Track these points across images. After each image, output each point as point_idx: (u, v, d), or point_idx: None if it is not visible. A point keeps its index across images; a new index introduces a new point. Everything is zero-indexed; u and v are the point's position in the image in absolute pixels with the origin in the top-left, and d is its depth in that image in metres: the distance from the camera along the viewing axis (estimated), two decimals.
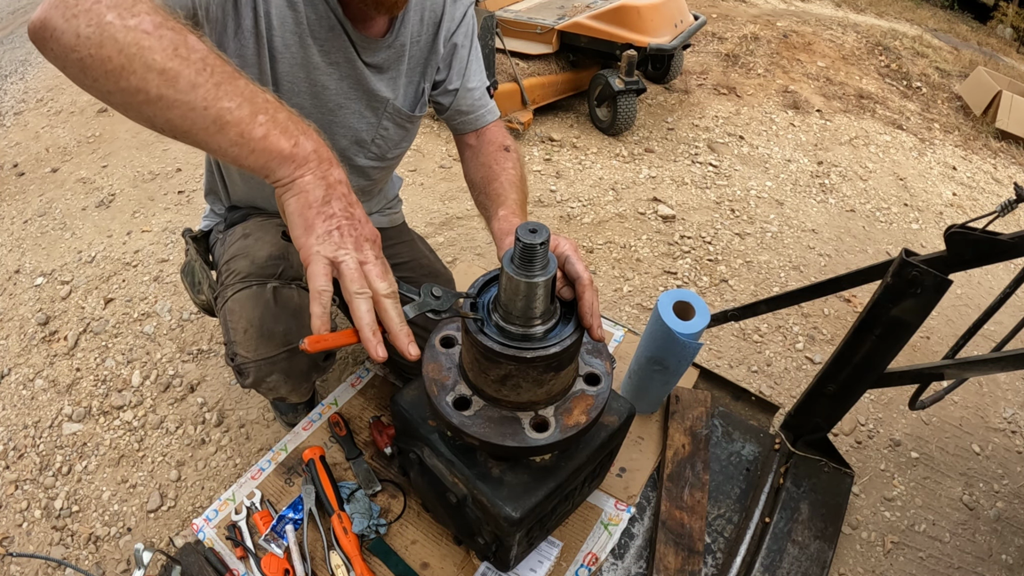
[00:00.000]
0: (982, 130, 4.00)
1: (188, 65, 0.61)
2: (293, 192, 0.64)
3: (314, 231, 0.63)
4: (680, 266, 2.40)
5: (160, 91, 0.61)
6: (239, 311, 1.08)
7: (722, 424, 1.46)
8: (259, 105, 0.64)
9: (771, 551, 1.23)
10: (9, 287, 2.21)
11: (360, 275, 0.63)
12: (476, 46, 1.19)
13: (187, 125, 0.62)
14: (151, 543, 1.45)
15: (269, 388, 1.13)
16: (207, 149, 0.65)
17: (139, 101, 0.62)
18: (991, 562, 1.49)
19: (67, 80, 3.36)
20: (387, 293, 0.65)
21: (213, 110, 0.62)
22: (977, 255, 1.05)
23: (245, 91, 0.64)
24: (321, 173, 0.65)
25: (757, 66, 4.34)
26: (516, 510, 0.87)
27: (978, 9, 8.04)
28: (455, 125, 1.20)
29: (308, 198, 0.64)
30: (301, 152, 0.64)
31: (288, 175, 0.64)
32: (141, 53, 0.60)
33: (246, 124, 0.62)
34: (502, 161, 1.12)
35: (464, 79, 1.16)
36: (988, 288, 2.49)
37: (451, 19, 1.11)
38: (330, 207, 0.65)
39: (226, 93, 0.62)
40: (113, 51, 0.60)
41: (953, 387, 1.44)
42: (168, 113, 0.62)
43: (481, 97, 1.19)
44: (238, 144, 0.63)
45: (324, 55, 0.98)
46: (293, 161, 0.64)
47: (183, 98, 0.61)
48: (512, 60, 3.22)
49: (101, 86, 0.62)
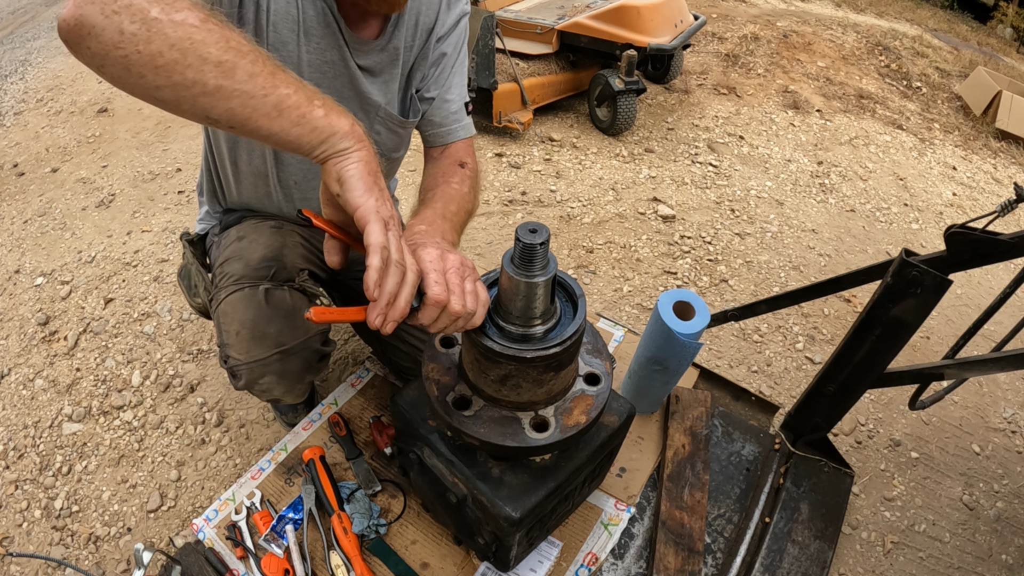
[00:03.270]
0: (982, 130, 4.00)
1: (242, 56, 0.64)
2: (353, 160, 0.69)
3: (373, 193, 0.68)
4: (680, 266, 2.40)
5: (219, 82, 0.63)
6: (231, 313, 1.08)
7: (722, 424, 1.46)
8: (310, 91, 0.69)
9: (771, 551, 1.23)
10: (9, 287, 2.21)
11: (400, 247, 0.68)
12: (463, 60, 1.17)
13: (247, 112, 0.65)
14: (151, 543, 1.45)
15: (262, 390, 1.13)
16: (262, 135, 0.68)
17: (195, 94, 0.63)
18: (991, 562, 1.49)
19: (67, 80, 3.33)
20: (416, 269, 0.70)
21: (273, 96, 0.65)
22: (977, 255, 1.05)
23: (294, 80, 0.68)
24: (368, 148, 0.71)
25: (757, 66, 4.34)
26: (516, 510, 0.87)
27: (978, 9, 8.04)
28: (426, 136, 1.19)
29: (371, 166, 0.69)
30: (358, 131, 0.70)
31: (349, 147, 0.69)
32: (195, 47, 0.61)
33: (306, 107, 0.67)
34: (450, 175, 1.11)
35: (443, 90, 1.15)
36: (988, 288, 2.49)
37: (442, 25, 1.10)
38: (380, 179, 0.70)
39: (282, 81, 0.66)
40: (164, 46, 0.61)
41: (953, 387, 1.44)
42: (228, 103, 0.64)
43: (457, 112, 1.17)
44: (299, 124, 0.67)
45: (319, 53, 0.98)
46: (352, 136, 0.69)
47: (242, 87, 0.64)
48: (512, 60, 3.22)
49: (149, 82, 0.63)
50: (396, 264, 0.66)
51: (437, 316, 0.73)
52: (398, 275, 0.67)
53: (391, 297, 0.66)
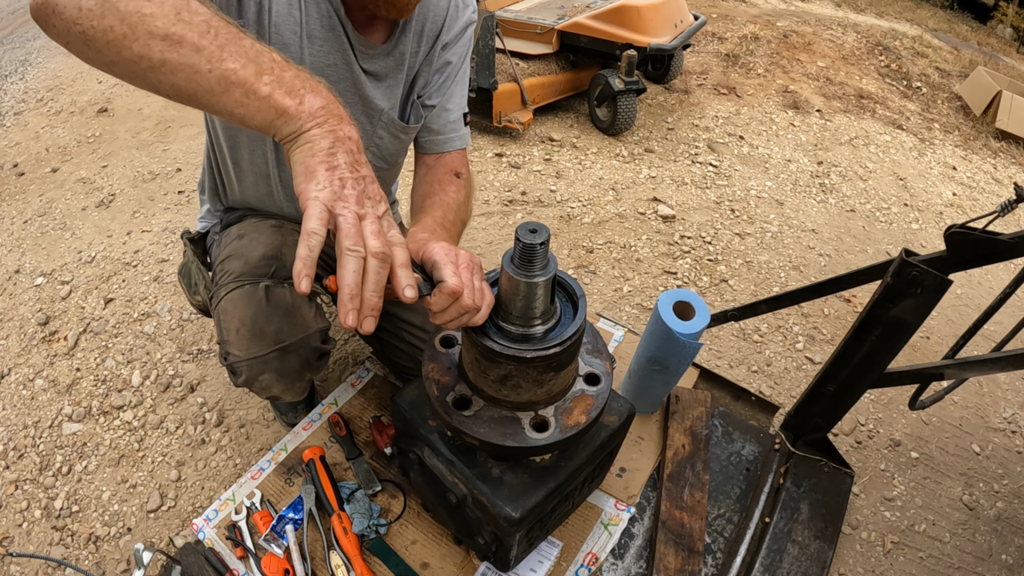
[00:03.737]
0: (982, 130, 4.00)
1: (191, 28, 0.61)
2: (298, 144, 0.64)
3: (315, 178, 0.62)
4: (680, 266, 2.40)
5: (163, 56, 0.61)
6: (231, 310, 1.08)
7: (722, 424, 1.46)
8: (264, 65, 0.63)
9: (771, 551, 1.23)
10: (9, 287, 2.21)
11: (357, 231, 0.60)
12: (467, 70, 1.18)
13: (192, 88, 0.63)
14: (151, 543, 1.45)
15: (262, 387, 1.13)
16: (214, 111, 0.65)
17: (143, 68, 0.62)
18: (991, 562, 1.49)
19: (67, 80, 3.34)
20: (376, 251, 0.61)
21: (217, 71, 0.62)
22: (977, 255, 1.05)
23: (251, 51, 0.63)
24: (329, 128, 0.64)
25: (757, 66, 4.34)
26: (516, 510, 0.87)
27: (978, 9, 8.04)
28: (422, 142, 1.19)
29: (313, 148, 0.63)
30: (307, 108, 0.64)
31: (295, 130, 0.64)
32: (143, 20, 0.60)
33: (251, 83, 0.62)
34: (446, 184, 1.11)
35: (444, 99, 1.15)
36: (988, 288, 2.49)
37: (448, 31, 1.10)
38: (335, 158, 0.63)
39: (230, 54, 0.62)
40: (115, 20, 0.60)
41: (953, 387, 1.44)
42: (172, 78, 0.62)
43: (456, 121, 1.18)
44: (243, 104, 0.63)
45: (322, 56, 0.98)
46: (298, 118, 0.63)
47: (186, 61, 0.61)
48: (512, 60, 3.22)
49: (104, 57, 0.63)
50: (347, 251, 0.59)
51: (447, 306, 0.71)
52: (353, 262, 0.59)
53: (352, 289, 0.59)
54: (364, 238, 0.61)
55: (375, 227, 0.62)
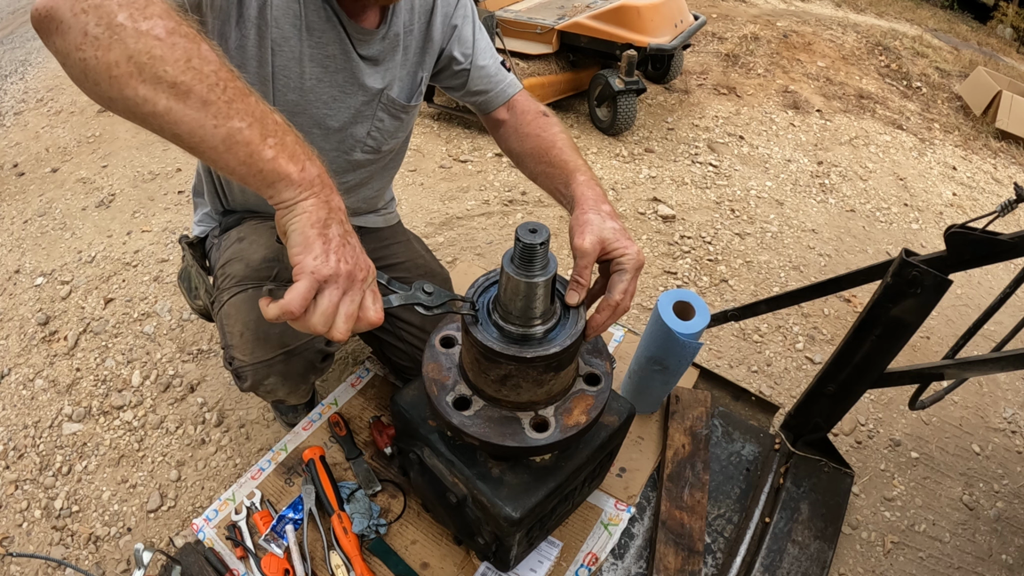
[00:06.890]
0: (982, 130, 4.00)
1: (200, 80, 0.59)
2: (296, 213, 0.64)
3: (312, 251, 0.63)
4: (680, 266, 2.40)
5: (169, 104, 0.59)
6: (235, 315, 1.08)
7: (722, 424, 1.46)
8: (269, 127, 0.63)
9: (771, 551, 1.23)
10: (9, 287, 2.21)
11: (331, 313, 0.64)
12: (479, 26, 1.18)
13: (194, 141, 0.61)
14: (151, 543, 1.45)
15: (267, 391, 1.13)
16: (211, 164, 0.64)
17: (144, 112, 0.60)
18: (991, 562, 1.49)
19: (67, 80, 3.34)
20: (338, 337, 0.66)
21: (223, 129, 0.60)
22: (977, 255, 1.05)
23: (256, 111, 0.63)
24: (324, 198, 0.65)
25: (757, 66, 4.34)
26: (516, 510, 0.87)
27: (978, 9, 8.04)
28: (478, 104, 1.20)
29: (311, 218, 0.64)
30: (307, 177, 0.64)
31: (293, 197, 0.64)
32: (152, 63, 0.57)
33: (256, 145, 0.62)
34: (548, 127, 1.10)
35: (473, 58, 1.16)
36: (988, 288, 2.49)
37: (445, 3, 1.11)
38: (330, 231, 0.65)
39: (237, 112, 0.61)
40: (121, 56, 0.57)
41: (953, 387, 1.44)
42: (175, 128, 0.60)
43: (497, 73, 1.18)
44: (246, 164, 0.62)
45: (320, 47, 0.98)
46: (299, 185, 0.64)
47: (193, 114, 0.59)
48: (512, 60, 3.22)
49: (103, 91, 0.59)
50: (315, 324, 0.64)
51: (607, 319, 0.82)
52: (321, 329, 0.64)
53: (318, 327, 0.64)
54: (333, 321, 0.65)
55: (350, 310, 0.65)
